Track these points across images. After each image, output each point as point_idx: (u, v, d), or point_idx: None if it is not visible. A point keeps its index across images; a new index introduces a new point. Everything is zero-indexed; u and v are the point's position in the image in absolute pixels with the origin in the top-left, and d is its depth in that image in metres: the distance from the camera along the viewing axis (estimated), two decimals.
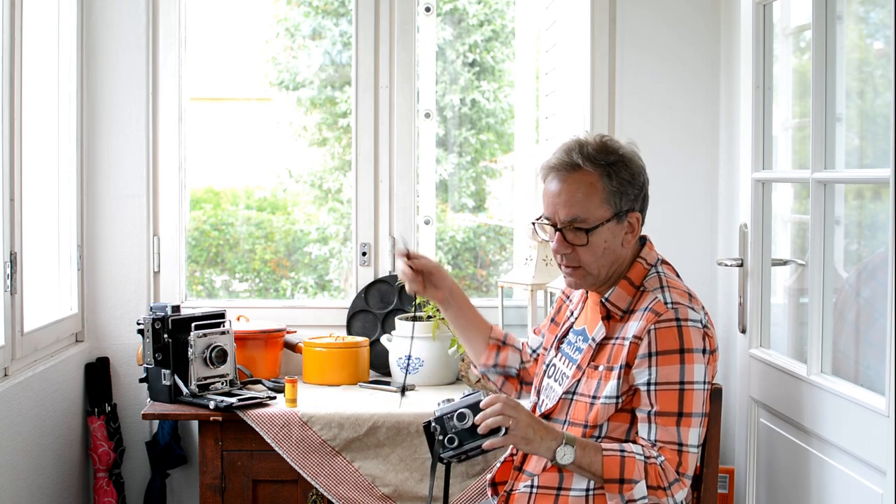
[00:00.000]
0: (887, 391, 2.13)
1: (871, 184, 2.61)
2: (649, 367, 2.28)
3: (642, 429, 2.31)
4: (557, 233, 2.35)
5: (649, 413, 2.29)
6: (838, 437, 2.42)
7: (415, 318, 3.40)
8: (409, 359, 3.34)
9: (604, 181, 2.32)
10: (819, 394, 2.50)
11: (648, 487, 2.23)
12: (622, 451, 2.27)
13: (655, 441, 2.28)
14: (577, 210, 2.32)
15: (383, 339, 3.50)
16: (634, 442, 2.32)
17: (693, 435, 2.28)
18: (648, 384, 2.28)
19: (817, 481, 2.55)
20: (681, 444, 2.27)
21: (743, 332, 3.02)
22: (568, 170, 2.33)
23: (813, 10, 2.55)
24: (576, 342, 2.47)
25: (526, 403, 2.53)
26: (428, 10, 3.74)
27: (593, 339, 2.40)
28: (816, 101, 2.53)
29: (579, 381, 2.39)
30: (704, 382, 2.29)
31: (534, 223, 2.44)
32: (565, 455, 2.24)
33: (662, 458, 2.26)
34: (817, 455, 2.54)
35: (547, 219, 2.37)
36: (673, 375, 2.27)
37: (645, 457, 2.26)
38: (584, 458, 2.25)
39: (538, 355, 2.67)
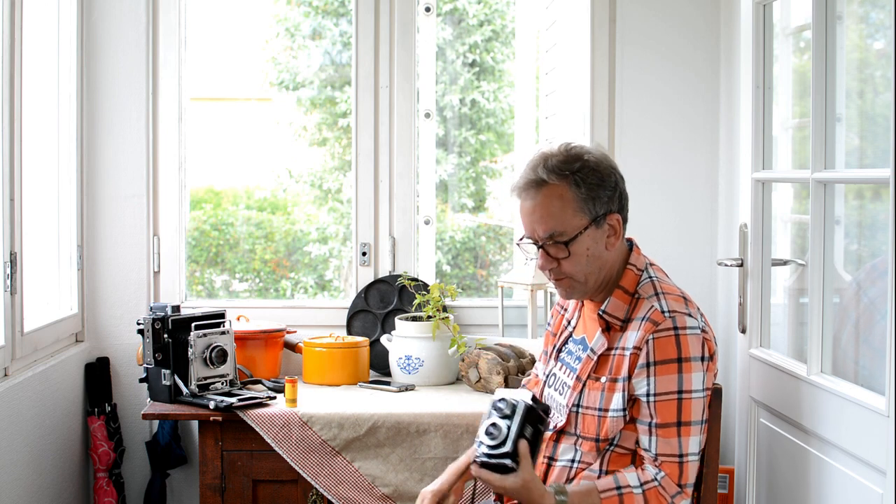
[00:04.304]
0: (887, 391, 2.13)
1: (871, 184, 2.61)
2: (648, 377, 2.30)
3: (643, 440, 2.32)
4: (540, 249, 2.37)
5: (650, 424, 2.30)
6: (838, 437, 2.42)
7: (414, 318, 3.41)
8: None
9: (573, 190, 2.32)
10: (819, 394, 2.50)
11: None
12: (619, 488, 2.29)
13: (657, 455, 2.30)
14: (553, 224, 2.33)
15: (383, 339, 3.50)
16: (636, 453, 2.35)
17: (693, 443, 2.29)
18: (647, 395, 2.30)
19: (817, 481, 2.54)
20: (682, 455, 2.29)
21: (743, 332, 3.02)
22: (536, 187, 2.34)
23: (813, 10, 2.54)
24: (575, 351, 2.48)
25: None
26: (428, 10, 3.74)
27: (592, 351, 2.41)
28: (816, 101, 2.53)
29: (581, 392, 2.40)
30: (703, 389, 2.31)
31: (518, 244, 2.47)
32: None
33: (663, 473, 2.29)
34: (817, 455, 2.54)
35: (528, 238, 2.40)
36: (671, 385, 2.28)
37: (642, 484, 2.28)
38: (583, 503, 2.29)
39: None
